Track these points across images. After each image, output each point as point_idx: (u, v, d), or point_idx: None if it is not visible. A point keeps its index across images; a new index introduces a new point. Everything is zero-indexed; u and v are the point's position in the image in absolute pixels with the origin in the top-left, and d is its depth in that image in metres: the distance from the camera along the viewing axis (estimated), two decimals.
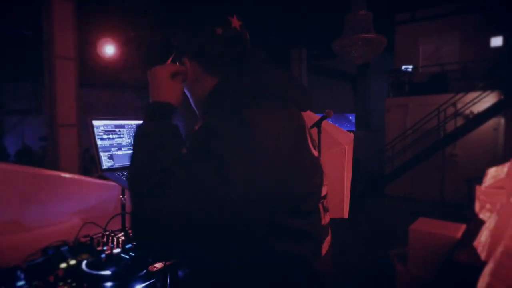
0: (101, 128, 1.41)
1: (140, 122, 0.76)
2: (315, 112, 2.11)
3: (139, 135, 0.72)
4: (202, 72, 0.79)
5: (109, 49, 6.93)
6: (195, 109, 0.86)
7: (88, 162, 7.36)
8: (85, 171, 6.44)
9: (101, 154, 1.38)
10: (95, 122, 1.40)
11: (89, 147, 10.71)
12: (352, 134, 2.95)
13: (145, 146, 0.70)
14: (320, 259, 0.78)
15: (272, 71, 0.79)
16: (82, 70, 5.97)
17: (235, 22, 0.78)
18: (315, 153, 0.81)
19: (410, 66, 8.85)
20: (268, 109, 0.70)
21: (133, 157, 0.71)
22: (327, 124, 2.23)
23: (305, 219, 0.73)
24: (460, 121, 7.87)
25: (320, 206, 0.81)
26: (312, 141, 0.82)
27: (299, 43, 10.60)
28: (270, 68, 0.80)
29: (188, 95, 0.85)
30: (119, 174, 1.36)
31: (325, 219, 0.84)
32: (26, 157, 10.81)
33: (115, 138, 1.44)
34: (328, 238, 0.86)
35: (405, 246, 3.41)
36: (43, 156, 8.79)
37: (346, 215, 2.29)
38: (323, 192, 0.84)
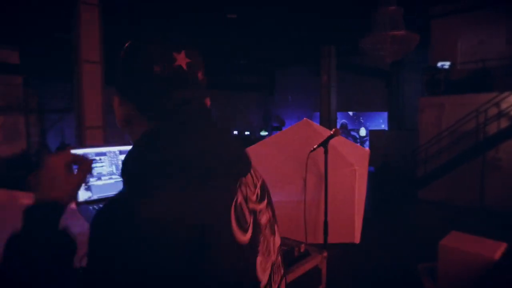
0: None
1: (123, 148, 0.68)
2: (346, 109, 1.93)
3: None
4: (135, 114, 0.68)
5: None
6: None
7: None
8: None
9: None
10: (74, 152, 1.33)
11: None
12: (368, 150, 2.74)
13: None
14: None
15: (208, 129, 0.67)
16: (108, 73, 6.14)
17: (182, 60, 0.66)
18: (244, 237, 0.62)
19: (447, 63, 8.23)
20: (184, 186, 0.57)
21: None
22: (339, 141, 2.05)
23: None
24: (504, 123, 7.21)
25: None
26: (240, 221, 0.63)
27: (328, 40, 10.26)
28: (207, 122, 0.68)
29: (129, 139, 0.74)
30: (95, 208, 1.30)
31: None
32: None
33: (94, 167, 1.38)
34: None
35: (435, 259, 3.14)
36: None
37: (357, 240, 2.11)
38: (271, 280, 0.69)
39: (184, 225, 0.53)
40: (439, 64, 8.31)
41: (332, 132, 1.94)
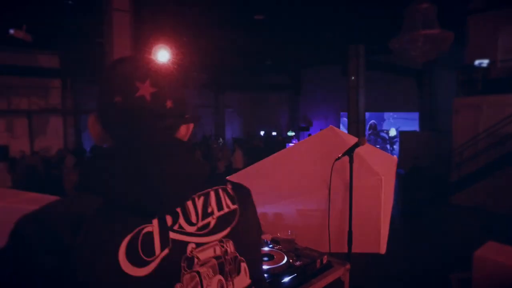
0: None
1: None
2: (374, 109, 1.87)
3: None
4: (107, 136, 0.70)
5: (163, 53, 7.25)
6: None
7: None
8: None
9: None
10: None
11: None
12: (395, 158, 2.65)
13: None
14: None
15: (149, 162, 0.64)
16: None
17: (146, 89, 0.66)
18: (139, 271, 0.58)
19: (485, 61, 7.79)
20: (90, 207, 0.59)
21: None
22: (365, 149, 2.01)
23: None
24: None
25: None
26: (138, 254, 0.59)
27: (356, 39, 10.04)
28: (157, 155, 0.66)
29: None
30: None
31: None
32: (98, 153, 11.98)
33: None
34: None
35: (469, 269, 2.99)
36: None
37: (383, 250, 2.06)
38: None
39: (61, 247, 0.54)
40: (476, 62, 7.90)
41: (357, 141, 1.89)
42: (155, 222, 0.62)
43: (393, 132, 14.19)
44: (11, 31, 5.74)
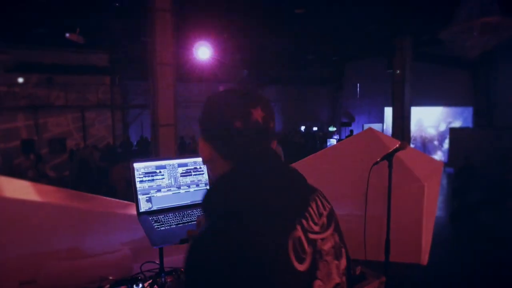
0: (142, 170, 1.45)
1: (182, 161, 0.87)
2: (421, 104, 1.73)
3: None
4: (217, 155, 0.82)
5: (204, 50, 7.38)
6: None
7: (180, 148, 8.21)
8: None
9: (140, 197, 1.42)
10: (136, 165, 1.44)
11: (183, 135, 12.11)
12: (441, 162, 2.45)
13: None
14: None
15: (274, 176, 0.79)
16: (180, 71, 6.51)
17: (258, 114, 0.79)
18: (301, 266, 0.73)
19: None
20: (252, 224, 0.71)
21: None
22: (407, 152, 1.87)
23: None
24: None
25: None
26: (298, 252, 0.73)
27: (403, 31, 9.47)
28: (275, 169, 0.81)
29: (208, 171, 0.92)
30: (153, 219, 1.38)
31: None
32: (144, 146, 12.60)
33: (155, 180, 1.47)
34: None
35: None
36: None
37: (424, 261, 1.92)
38: None
39: (251, 256, 0.67)
40: None
41: (398, 145, 1.77)
42: (298, 227, 0.75)
43: (442, 129, 13.28)
44: (67, 35, 6.28)
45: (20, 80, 11.28)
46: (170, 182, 1.50)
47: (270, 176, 0.78)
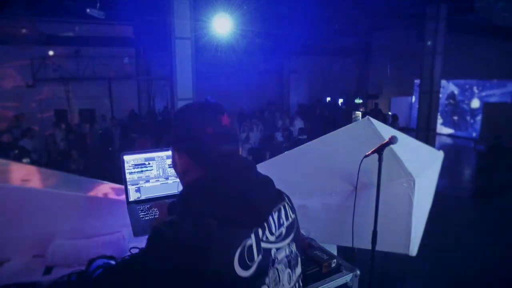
0: (131, 162, 1.54)
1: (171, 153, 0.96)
2: (454, 77, 1.64)
3: None
4: (191, 164, 0.89)
5: (223, 23, 7.27)
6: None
7: None
8: None
9: (129, 187, 1.53)
10: (126, 157, 1.53)
11: None
12: (441, 153, 2.37)
13: None
14: None
15: (243, 179, 0.86)
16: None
17: (225, 120, 0.89)
18: (245, 273, 0.78)
19: None
20: (209, 225, 0.77)
21: None
22: (403, 144, 1.85)
23: None
24: None
25: None
26: (245, 260, 0.79)
27: None
28: (245, 172, 0.88)
29: (180, 182, 0.97)
30: (139, 208, 1.50)
31: None
32: (167, 117, 12.93)
33: (144, 171, 1.57)
34: None
35: None
36: None
37: (413, 252, 1.94)
38: None
39: (196, 256, 0.74)
40: None
41: (389, 139, 1.75)
42: (252, 236, 0.81)
43: (475, 104, 12.52)
44: (88, 10, 6.45)
45: (51, 53, 11.72)
46: (159, 173, 1.60)
47: (236, 185, 0.83)
